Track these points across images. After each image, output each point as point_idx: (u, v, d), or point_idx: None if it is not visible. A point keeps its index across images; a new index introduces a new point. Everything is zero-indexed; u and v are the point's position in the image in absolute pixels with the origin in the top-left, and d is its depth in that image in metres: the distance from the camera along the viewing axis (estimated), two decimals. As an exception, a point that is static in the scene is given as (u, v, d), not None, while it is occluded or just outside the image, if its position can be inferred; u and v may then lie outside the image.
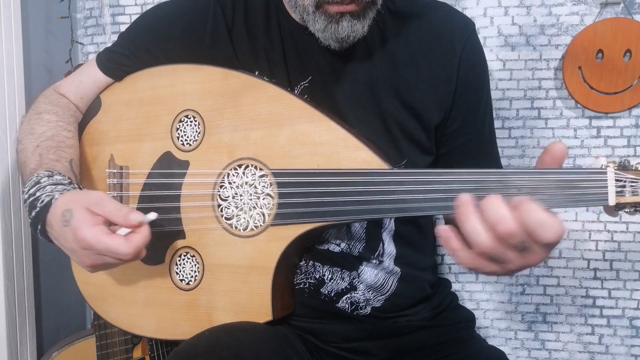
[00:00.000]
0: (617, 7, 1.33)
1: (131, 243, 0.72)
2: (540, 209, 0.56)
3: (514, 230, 0.57)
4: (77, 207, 0.74)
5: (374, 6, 0.81)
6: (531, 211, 0.56)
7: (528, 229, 0.56)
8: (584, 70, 1.32)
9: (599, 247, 1.42)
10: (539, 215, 0.56)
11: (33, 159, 0.85)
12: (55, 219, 0.75)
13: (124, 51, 0.95)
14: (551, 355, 1.47)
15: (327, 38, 0.82)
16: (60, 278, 1.46)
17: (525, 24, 1.39)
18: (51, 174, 0.82)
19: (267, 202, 0.81)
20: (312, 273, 0.90)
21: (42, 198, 0.78)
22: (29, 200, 0.79)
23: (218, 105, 0.86)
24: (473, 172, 0.67)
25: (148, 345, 1.32)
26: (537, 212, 0.56)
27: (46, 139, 0.89)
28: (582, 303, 1.44)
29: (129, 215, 0.73)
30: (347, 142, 0.77)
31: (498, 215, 0.57)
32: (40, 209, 0.77)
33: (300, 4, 0.80)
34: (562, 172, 0.63)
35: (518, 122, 1.42)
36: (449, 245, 0.61)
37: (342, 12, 0.78)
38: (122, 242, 0.72)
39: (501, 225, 0.57)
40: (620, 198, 0.62)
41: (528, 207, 0.57)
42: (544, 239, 0.56)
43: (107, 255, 0.73)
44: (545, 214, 0.56)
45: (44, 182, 0.80)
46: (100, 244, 0.72)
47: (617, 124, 1.37)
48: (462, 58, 0.90)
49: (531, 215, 0.56)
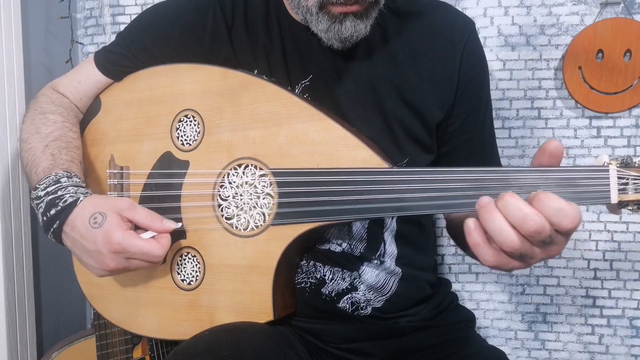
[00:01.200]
0: (617, 7, 1.34)
1: (162, 245, 0.78)
2: (556, 197, 0.57)
3: (541, 226, 0.57)
4: (109, 212, 0.77)
5: (376, 6, 0.81)
6: (548, 201, 0.57)
7: (551, 219, 0.57)
8: (584, 70, 1.32)
9: (599, 247, 1.42)
10: (556, 203, 0.57)
11: (44, 158, 0.86)
12: (81, 220, 0.77)
13: (123, 51, 0.95)
14: (551, 355, 1.47)
15: (330, 38, 0.82)
16: (60, 278, 1.46)
17: (525, 24, 1.39)
18: (70, 174, 0.83)
19: (267, 201, 0.81)
20: (313, 273, 0.90)
21: (65, 198, 0.79)
22: (46, 198, 0.80)
23: (217, 105, 0.86)
24: (474, 171, 0.67)
25: (148, 345, 1.32)
26: (554, 200, 0.57)
27: (54, 139, 0.89)
28: (582, 303, 1.44)
29: (164, 222, 0.80)
30: (347, 140, 0.77)
31: (522, 214, 0.58)
32: (63, 208, 0.79)
33: (304, 5, 0.81)
34: (563, 170, 0.63)
35: (518, 122, 1.42)
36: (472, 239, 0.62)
37: (345, 13, 0.79)
38: (155, 244, 0.78)
39: (529, 223, 0.57)
40: (623, 196, 0.61)
41: (544, 197, 0.57)
42: (565, 226, 0.57)
43: (138, 258, 0.77)
44: (562, 202, 0.57)
45: (65, 182, 0.81)
46: (135, 247, 0.76)
47: (617, 124, 1.37)
48: (463, 57, 0.90)
49: (549, 204, 0.57)
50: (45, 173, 0.83)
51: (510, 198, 0.59)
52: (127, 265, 0.78)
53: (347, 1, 0.77)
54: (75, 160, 0.88)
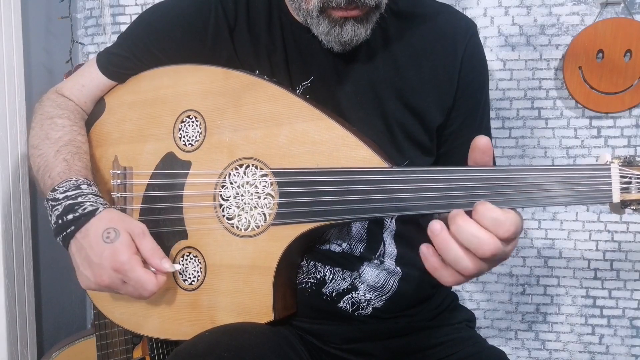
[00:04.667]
0: (617, 7, 1.34)
1: (157, 282, 0.78)
2: (492, 208, 0.60)
3: (496, 248, 0.59)
4: (123, 231, 0.78)
5: (377, 10, 0.81)
6: (485, 212, 0.60)
7: (489, 230, 0.60)
8: (584, 70, 1.33)
9: (599, 247, 1.42)
10: (492, 214, 0.60)
11: (57, 163, 0.86)
12: (94, 231, 0.78)
13: (125, 53, 0.95)
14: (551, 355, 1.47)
15: (330, 41, 0.82)
16: (60, 278, 1.46)
17: (526, 24, 1.39)
18: (89, 183, 0.84)
19: (268, 201, 0.81)
20: (313, 273, 0.90)
21: (85, 205, 0.80)
22: (65, 202, 0.80)
23: (219, 105, 0.86)
24: (474, 170, 0.66)
25: (148, 345, 1.32)
26: (490, 211, 0.60)
27: (65, 144, 0.89)
28: (583, 303, 1.44)
29: (163, 261, 0.79)
30: (346, 140, 0.77)
31: (477, 240, 0.60)
32: (81, 215, 0.79)
33: (304, 8, 0.81)
34: (564, 169, 0.63)
35: (518, 122, 1.42)
36: (428, 265, 0.65)
37: (345, 17, 0.79)
38: (153, 279, 0.77)
39: (485, 248, 0.59)
40: (625, 195, 0.60)
41: (480, 208, 0.60)
42: (502, 235, 0.60)
43: (132, 284, 0.77)
44: (497, 211, 0.60)
45: (85, 190, 0.82)
46: (134, 273, 0.76)
47: (617, 124, 1.38)
48: (464, 60, 0.90)
49: (486, 215, 0.60)
50: (62, 177, 0.83)
51: (462, 222, 0.60)
52: (120, 287, 0.79)
53: (347, 6, 0.77)
54: (88, 167, 0.89)
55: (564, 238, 1.44)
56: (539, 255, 1.45)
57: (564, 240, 1.44)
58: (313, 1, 0.79)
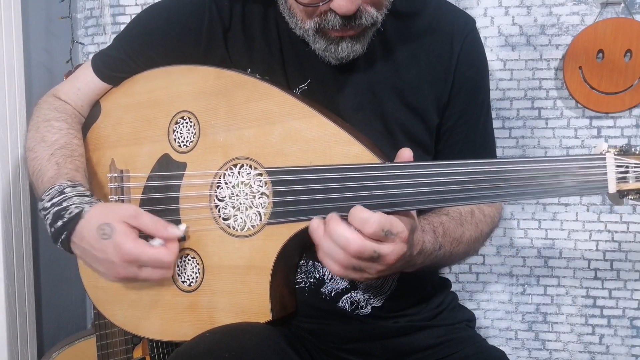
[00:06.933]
0: (617, 7, 1.33)
1: (172, 251, 0.80)
2: (360, 209, 0.67)
3: (362, 246, 0.66)
4: (115, 221, 0.78)
5: (373, 27, 0.82)
6: (354, 212, 0.67)
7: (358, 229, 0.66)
8: (585, 70, 1.32)
9: (599, 247, 1.42)
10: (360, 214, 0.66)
11: (50, 167, 0.86)
12: (88, 231, 0.78)
13: (120, 55, 0.95)
14: (552, 355, 1.47)
15: (327, 56, 0.83)
16: (60, 278, 1.46)
17: (526, 24, 1.39)
18: (74, 184, 0.83)
19: (263, 201, 0.81)
20: (312, 272, 0.90)
21: (70, 209, 0.80)
22: (52, 209, 0.80)
23: (212, 105, 0.86)
24: (467, 164, 0.66)
25: (148, 345, 1.32)
26: (359, 212, 0.66)
27: (60, 147, 0.90)
28: (583, 303, 1.44)
29: (169, 228, 0.80)
30: (338, 137, 0.77)
31: (345, 238, 0.66)
32: (69, 220, 0.79)
33: (301, 27, 0.81)
34: (559, 160, 0.62)
35: (518, 122, 1.42)
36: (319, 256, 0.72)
37: (342, 36, 0.79)
38: (165, 250, 0.79)
39: (352, 246, 0.66)
40: (622, 184, 0.59)
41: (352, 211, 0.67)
42: (367, 231, 0.65)
43: (150, 265, 0.78)
44: (365, 212, 0.66)
45: (69, 193, 0.81)
46: (147, 255, 0.77)
47: (617, 124, 1.37)
48: (460, 57, 0.90)
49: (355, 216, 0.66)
50: (50, 183, 0.83)
51: (334, 224, 0.68)
52: (138, 273, 0.79)
53: (342, 28, 0.77)
54: (80, 169, 0.89)
55: (564, 238, 1.43)
56: (539, 255, 1.45)
57: (564, 240, 1.44)
58: (309, 22, 0.79)
